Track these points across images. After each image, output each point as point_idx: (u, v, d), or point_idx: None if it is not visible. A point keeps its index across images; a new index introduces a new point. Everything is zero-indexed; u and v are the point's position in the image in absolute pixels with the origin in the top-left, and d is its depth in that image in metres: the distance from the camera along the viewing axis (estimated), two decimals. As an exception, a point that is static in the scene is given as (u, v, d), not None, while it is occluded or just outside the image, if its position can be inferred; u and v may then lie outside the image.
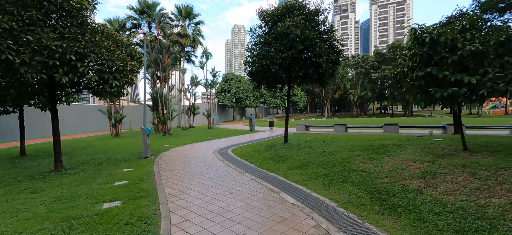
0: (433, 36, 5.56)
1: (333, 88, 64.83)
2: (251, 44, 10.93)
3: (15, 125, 12.20)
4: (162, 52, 18.80)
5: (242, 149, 11.41)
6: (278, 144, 11.31)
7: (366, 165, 6.23)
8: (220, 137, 17.27)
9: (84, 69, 6.58)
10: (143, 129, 9.48)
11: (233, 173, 6.79)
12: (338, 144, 10.04)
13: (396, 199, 4.14)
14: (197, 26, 32.03)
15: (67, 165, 8.36)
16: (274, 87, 12.15)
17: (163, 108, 19.06)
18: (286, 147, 10.32)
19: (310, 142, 11.32)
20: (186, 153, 10.70)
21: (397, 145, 7.90)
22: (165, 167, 7.82)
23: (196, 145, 13.36)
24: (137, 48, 9.18)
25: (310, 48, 9.25)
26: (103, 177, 6.47)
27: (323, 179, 5.69)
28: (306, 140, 12.50)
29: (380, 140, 9.62)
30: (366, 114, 69.69)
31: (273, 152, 9.63)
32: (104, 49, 7.04)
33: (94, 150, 12.44)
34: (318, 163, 7.02)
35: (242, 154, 9.94)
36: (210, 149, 11.58)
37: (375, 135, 12.64)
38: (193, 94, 30.27)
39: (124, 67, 7.41)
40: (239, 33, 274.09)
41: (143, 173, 6.92)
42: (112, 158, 9.54)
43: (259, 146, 11.87)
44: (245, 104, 60.49)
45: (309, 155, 8.33)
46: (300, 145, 10.72)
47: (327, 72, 9.86)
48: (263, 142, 13.26)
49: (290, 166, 7.22)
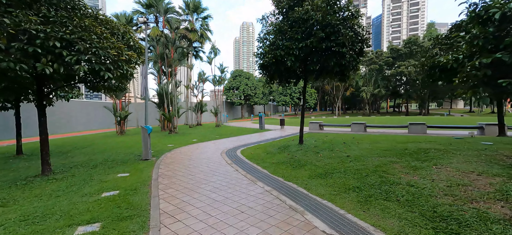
0: (505, 11, 4.26)
1: (345, 86, 62.74)
2: (263, 33, 9.78)
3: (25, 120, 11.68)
4: (168, 46, 17.89)
5: (252, 150, 10.33)
6: (293, 145, 10.16)
7: (409, 176, 5.01)
8: (228, 135, 16.26)
9: (71, 58, 5.64)
10: (143, 128, 8.55)
11: (243, 181, 5.72)
12: (362, 146, 8.79)
13: (475, 234, 2.94)
14: (205, 21, 31.09)
15: (59, 168, 7.52)
16: (287, 83, 10.98)
17: (169, 105, 18.21)
18: (303, 149, 9.16)
19: (329, 143, 10.11)
20: (191, 154, 9.72)
21: (440, 150, 6.61)
22: (166, 172, 6.83)
23: (202, 144, 12.39)
24: (136, 37, 8.19)
25: (332, 36, 8.01)
26: (92, 185, 5.53)
27: (356, 194, 4.52)
28: (323, 140, 11.28)
29: (413, 143, 8.31)
30: (379, 113, 67.21)
31: (288, 155, 8.50)
32: (95, 35, 6.08)
33: (95, 149, 11.67)
34: (345, 171, 5.84)
35: (253, 156, 8.85)
36: (217, 150, 10.57)
37: (401, 136, 11.29)
38: (201, 91, 29.41)
39: (119, 56, 6.43)
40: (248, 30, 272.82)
41: (139, 180, 5.94)
42: (109, 159, 8.67)
43: (271, 146, 10.75)
44: (253, 101, 59.43)
45: (332, 160, 7.15)
46: (317, 146, 9.54)
47: (350, 65, 8.62)
48: (275, 142, 12.13)
49: (310, 173, 6.07)
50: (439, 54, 8.48)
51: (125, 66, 6.58)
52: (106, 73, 6.09)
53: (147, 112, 9.68)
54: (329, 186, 5.08)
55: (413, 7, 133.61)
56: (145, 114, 9.76)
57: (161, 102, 19.52)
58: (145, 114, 9.74)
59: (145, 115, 9.81)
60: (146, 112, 9.69)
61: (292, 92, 61.85)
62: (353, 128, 15.08)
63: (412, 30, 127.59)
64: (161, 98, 18.91)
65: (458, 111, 62.19)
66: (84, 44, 5.78)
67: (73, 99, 39.41)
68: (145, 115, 9.80)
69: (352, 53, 8.41)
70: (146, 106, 9.69)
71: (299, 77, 10.70)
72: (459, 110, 66.07)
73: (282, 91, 63.34)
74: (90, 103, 32.76)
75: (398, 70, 50.71)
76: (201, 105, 28.98)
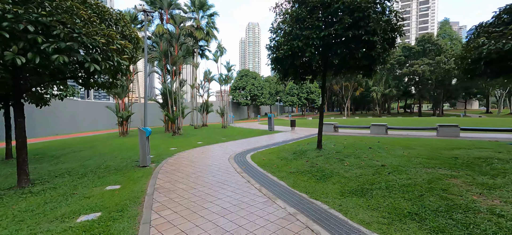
0: None
1: (354, 85, 60.97)
2: (277, 22, 8.60)
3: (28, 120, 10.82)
4: (172, 42, 16.90)
5: (263, 155, 9.15)
6: (310, 150, 8.94)
7: (485, 198, 3.75)
8: (236, 137, 15.14)
9: (48, 46, 4.60)
10: (141, 130, 7.48)
11: (258, 199, 4.55)
12: (394, 153, 7.51)
13: None
14: (211, 18, 30.14)
15: (44, 176, 6.51)
16: (303, 80, 9.78)
17: (173, 105, 17.22)
18: (323, 155, 7.94)
19: (351, 148, 8.85)
20: (195, 159, 8.61)
21: (503, 160, 5.28)
22: (164, 183, 5.72)
23: (208, 148, 11.28)
24: (132, 27, 7.13)
25: (361, 22, 6.76)
26: (71, 203, 4.45)
27: (417, 224, 3.29)
28: (343, 144, 10.02)
29: (460, 150, 7.02)
30: (390, 113, 65.07)
31: (306, 162, 7.30)
32: (79, 19, 5.02)
33: (92, 152, 10.71)
34: (388, 187, 4.61)
35: (265, 163, 7.67)
36: (224, 154, 9.44)
37: (436, 140, 9.94)
38: (207, 91, 28.41)
39: (109, 46, 5.37)
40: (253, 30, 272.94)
41: (130, 195, 4.84)
42: (103, 166, 7.63)
43: (284, 151, 9.56)
44: (260, 102, 58.28)
45: (363, 170, 5.91)
46: (340, 152, 8.29)
47: (380, 57, 7.36)
48: (287, 146, 10.91)
49: (341, 188, 4.86)
50: (487, 44, 7.14)
51: (116, 57, 5.51)
52: (92, 65, 5.02)
53: (146, 113, 8.63)
54: (372, 209, 3.86)
55: (422, 6, 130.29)
56: (144, 115, 8.71)
57: (165, 102, 18.56)
58: (144, 114, 8.68)
59: (144, 116, 8.75)
60: (145, 113, 8.63)
61: (300, 92, 60.39)
62: (373, 129, 13.72)
63: (422, 29, 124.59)
64: (165, 98, 17.94)
65: (474, 112, 59.54)
66: (64, 29, 4.73)
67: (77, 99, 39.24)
68: (144, 115, 8.74)
69: (383, 43, 7.15)
70: (146, 105, 8.64)
71: (316, 73, 9.49)
72: (475, 111, 63.34)
73: (289, 92, 61.97)
74: (95, 104, 32.26)
75: (411, 69, 48.71)
76: (207, 105, 27.98)
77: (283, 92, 68.56)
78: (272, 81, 68.58)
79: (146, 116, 8.76)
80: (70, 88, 10.82)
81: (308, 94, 60.55)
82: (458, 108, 76.36)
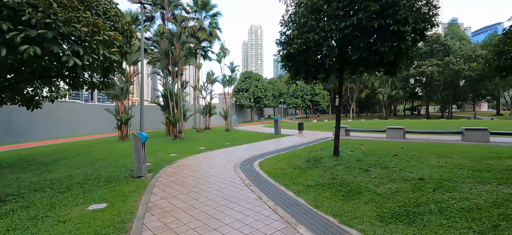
0: None
1: (360, 87, 59.79)
2: (289, 13, 7.67)
3: (25, 124, 10.10)
4: (173, 41, 16.07)
5: (273, 162, 8.20)
6: (326, 157, 7.97)
7: None
8: (241, 142, 14.19)
9: (16, 35, 3.72)
10: (135, 136, 6.57)
11: (274, 225, 3.59)
12: (428, 163, 6.50)
13: None
14: (214, 18, 29.42)
15: (21, 190, 5.62)
16: (315, 79, 8.83)
17: (174, 107, 16.35)
18: (342, 164, 6.96)
19: (373, 155, 7.86)
20: (197, 168, 7.68)
21: None
22: (159, 201, 4.78)
23: (211, 154, 10.35)
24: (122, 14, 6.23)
25: (388, 10, 5.81)
26: (39, 232, 3.53)
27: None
28: (360, 150, 9.04)
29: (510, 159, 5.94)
30: (396, 116, 63.64)
31: (324, 172, 6.32)
32: (56, 3, 4.14)
33: (85, 158, 9.84)
34: (441, 211, 3.61)
35: (276, 172, 6.70)
36: (229, 162, 8.50)
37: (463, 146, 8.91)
38: (209, 93, 27.56)
39: (93, 36, 4.48)
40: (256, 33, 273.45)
41: (115, 219, 3.90)
42: (92, 176, 6.73)
43: (296, 158, 8.59)
44: (263, 104, 57.36)
45: (397, 184, 4.92)
46: (361, 160, 7.31)
47: (409, 50, 6.38)
48: (298, 152, 9.93)
49: (378, 210, 3.88)
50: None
51: (102, 50, 4.62)
52: (71, 59, 4.13)
53: (142, 115, 7.72)
54: (431, 245, 2.87)
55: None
56: (140, 118, 7.80)
57: (166, 105, 17.71)
58: (140, 117, 7.78)
59: (140, 119, 7.85)
60: (141, 115, 7.72)
61: (304, 94, 59.38)
62: (390, 133, 12.68)
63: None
64: (166, 100, 17.09)
65: (483, 114, 57.83)
66: (35, 14, 3.86)
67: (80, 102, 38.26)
68: (140, 118, 7.84)
69: (413, 35, 6.18)
70: (142, 107, 7.73)
71: (331, 72, 8.53)
72: (484, 113, 61.59)
73: (293, 94, 60.99)
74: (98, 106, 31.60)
75: (419, 70, 47.42)
76: (209, 108, 27.12)
77: (286, 94, 67.61)
78: (276, 83, 67.67)
79: (142, 120, 7.85)
80: (61, 90, 9.99)
81: (312, 96, 59.51)
82: (466, 110, 74.58)
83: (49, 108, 24.95)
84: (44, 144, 17.85)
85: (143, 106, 7.82)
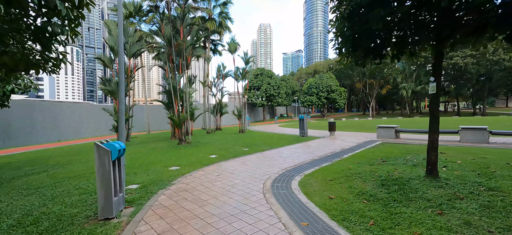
0: None
1: (380, 83, 55.59)
2: None
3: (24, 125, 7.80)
4: (176, 24, 13.33)
5: (320, 182, 5.21)
6: (415, 179, 4.89)
7: None
8: (261, 147, 11.26)
9: None
10: (100, 148, 3.77)
11: None
12: None
13: None
14: (225, 7, 26.67)
15: None
16: (380, 58, 5.78)
17: (179, 106, 13.65)
18: (455, 191, 3.87)
19: (487, 175, 4.71)
20: (206, 197, 4.79)
21: None
22: None
23: (226, 167, 7.49)
24: None
25: None
26: None
27: None
28: (456, 163, 5.88)
29: None
30: (421, 113, 58.84)
31: (431, 212, 3.24)
32: None
33: (52, 175, 7.20)
34: None
35: (339, 207, 3.66)
36: (254, 181, 5.60)
37: None
38: (220, 89, 24.82)
39: None
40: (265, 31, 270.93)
41: None
42: (30, 217, 3.97)
43: (357, 177, 5.54)
44: (276, 102, 54.22)
45: None
46: (481, 183, 4.19)
47: None
48: (350, 164, 6.78)
49: None
50: None
51: None
52: None
53: (121, 115, 4.93)
54: None
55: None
56: (119, 118, 5.01)
57: (170, 102, 15.05)
58: (119, 118, 4.98)
59: (119, 120, 5.07)
60: (120, 114, 4.92)
61: (319, 91, 55.79)
62: (465, 135, 9.36)
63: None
64: (170, 97, 14.42)
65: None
66: None
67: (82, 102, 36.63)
68: (119, 119, 5.05)
69: None
70: (121, 104, 4.93)
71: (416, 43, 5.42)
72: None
73: (307, 91, 57.49)
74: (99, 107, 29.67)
75: (450, 62, 42.79)
76: (220, 106, 24.37)
77: (300, 91, 64.10)
78: (288, 80, 64.27)
79: (121, 120, 5.07)
80: (26, 82, 7.42)
81: (328, 94, 55.82)
82: (497, 106, 68.44)
83: (49, 108, 23.07)
84: (35, 148, 15.60)
85: (123, 101, 5.01)
